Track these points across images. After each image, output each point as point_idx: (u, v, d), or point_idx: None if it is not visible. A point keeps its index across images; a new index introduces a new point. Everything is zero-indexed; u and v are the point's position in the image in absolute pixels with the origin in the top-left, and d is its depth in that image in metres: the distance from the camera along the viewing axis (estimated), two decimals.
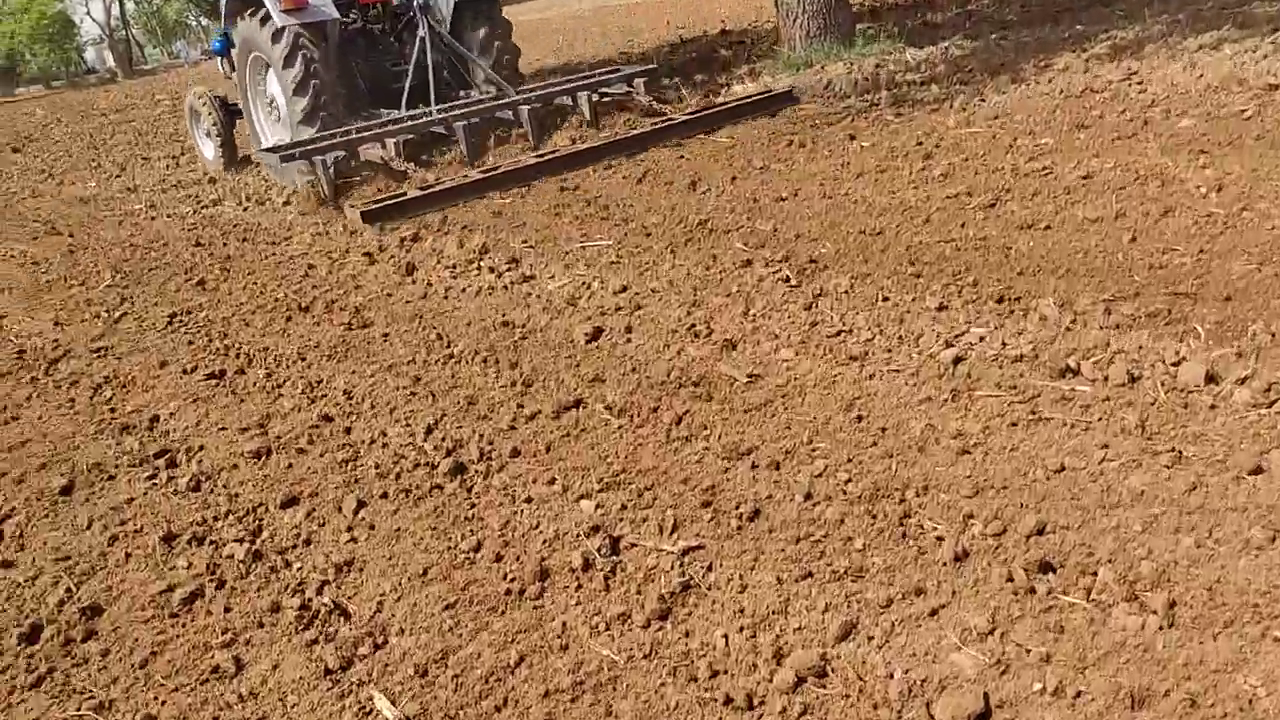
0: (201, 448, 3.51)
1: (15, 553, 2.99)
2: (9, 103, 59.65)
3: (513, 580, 2.45)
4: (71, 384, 4.44)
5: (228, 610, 2.53)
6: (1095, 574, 2.11)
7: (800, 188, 5.49)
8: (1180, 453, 2.46)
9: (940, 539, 2.32)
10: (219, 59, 10.05)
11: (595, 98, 8.16)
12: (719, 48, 12.98)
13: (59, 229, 8.43)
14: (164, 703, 2.26)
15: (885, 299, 3.73)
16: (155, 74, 72.00)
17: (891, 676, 1.96)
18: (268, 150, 7.84)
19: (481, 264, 5.11)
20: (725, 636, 2.13)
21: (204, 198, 8.56)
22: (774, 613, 2.18)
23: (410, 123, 7.59)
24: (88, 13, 71.65)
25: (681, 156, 6.78)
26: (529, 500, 2.80)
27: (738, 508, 2.58)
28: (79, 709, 2.29)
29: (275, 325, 4.78)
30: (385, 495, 2.96)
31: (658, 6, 26.31)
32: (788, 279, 4.12)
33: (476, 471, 3.02)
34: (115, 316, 5.31)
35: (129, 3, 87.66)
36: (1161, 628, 1.94)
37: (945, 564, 2.23)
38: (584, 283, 4.54)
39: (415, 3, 8.25)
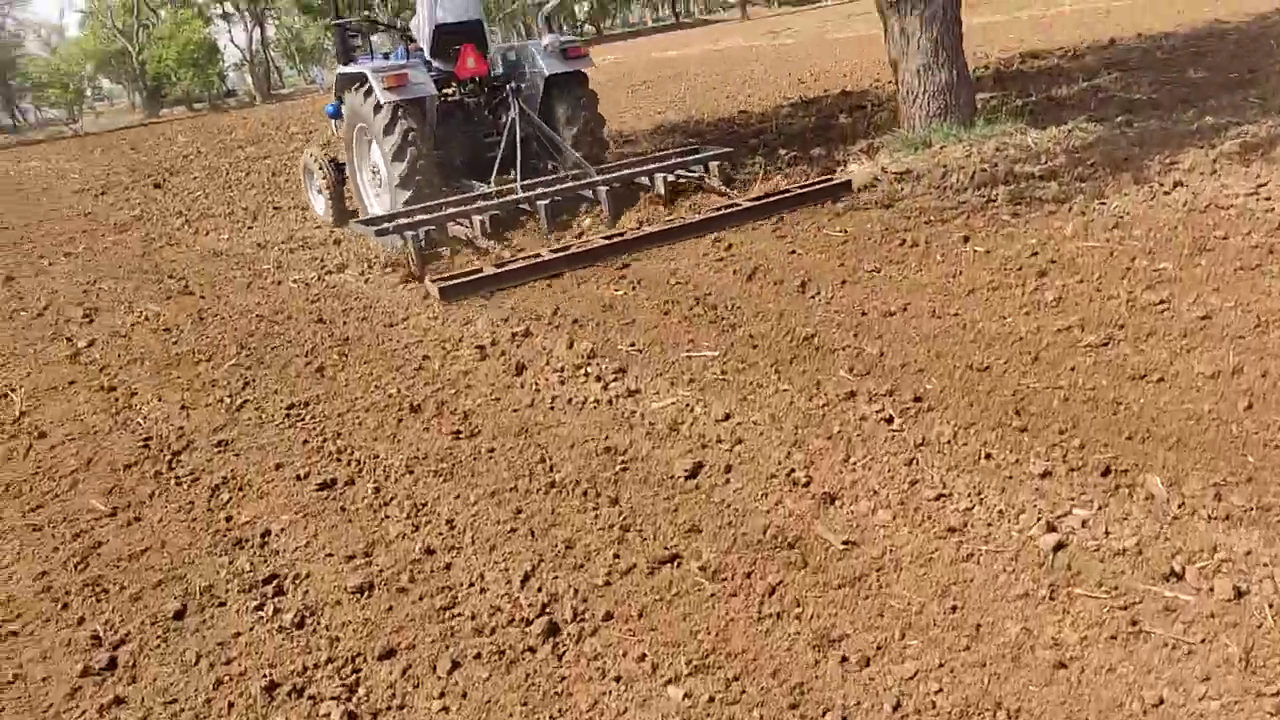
0: (308, 575, 3.65)
1: (127, 686, 3.15)
2: (156, 124, 62.69)
3: None
4: (192, 482, 4.65)
5: None
6: None
7: (910, 301, 5.44)
8: None
9: None
10: (333, 122, 10.82)
11: (670, 178, 8.71)
12: (839, 112, 12.95)
13: (191, 288, 8.84)
14: None
15: (988, 456, 3.68)
16: (291, 98, 74.85)
17: None
18: (362, 222, 8.57)
19: (589, 370, 5.20)
20: None
21: (329, 261, 8.88)
22: None
23: (497, 200, 8.36)
24: (230, 39, 75.14)
25: (793, 251, 6.78)
26: (618, 679, 2.84)
27: (825, 715, 2.58)
28: None
29: (386, 428, 4.93)
30: (479, 656, 3.04)
31: (788, 53, 26.37)
32: (890, 419, 4.10)
33: (569, 634, 3.08)
34: (238, 404, 5.55)
35: (270, 29, 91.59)
36: None
37: None
38: (687, 404, 4.58)
39: (509, 86, 9.02)
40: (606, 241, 7.59)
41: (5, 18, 74.07)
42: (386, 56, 9.90)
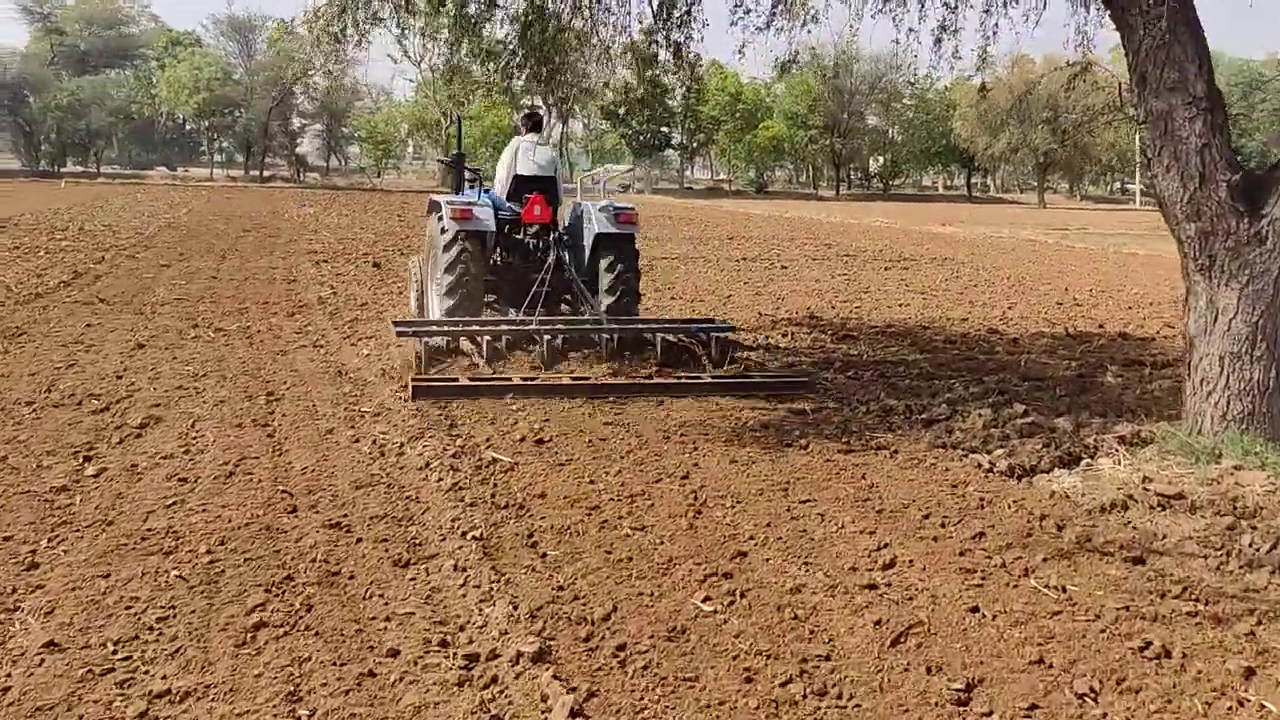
0: None
1: None
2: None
3: None
4: None
5: None
6: None
7: None
8: None
9: None
10: None
11: (672, 339, 9.70)
12: (1109, 362, 10.54)
13: (273, 420, 7.52)
14: None
15: None
16: (573, 194, 77.32)
17: None
18: (395, 322, 9.85)
19: None
20: None
21: (425, 423, 7.38)
22: None
23: (504, 327, 9.49)
24: None
25: (976, 608, 4.58)
26: None
27: None
28: None
29: None
30: None
31: (1072, 259, 23.69)
32: None
33: None
34: (110, 663, 3.87)
35: (577, 125, 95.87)
36: None
37: None
38: None
39: (552, 235, 10.42)
40: (571, 382, 8.55)
41: (345, 76, 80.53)
42: (487, 191, 10.88)
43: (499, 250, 10.77)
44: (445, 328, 9.42)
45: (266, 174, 76.91)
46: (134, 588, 4.56)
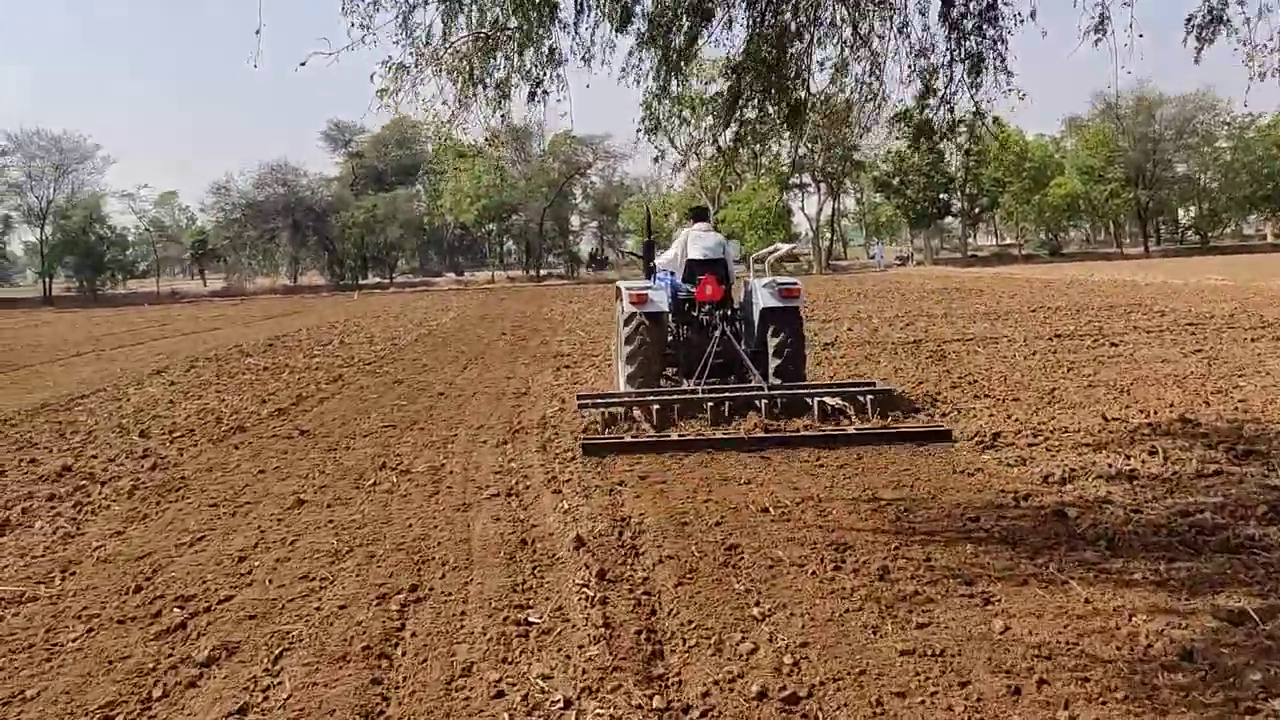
0: None
1: None
2: None
3: None
4: None
5: None
6: None
7: None
8: None
9: None
10: None
11: (832, 403, 10.24)
12: None
13: (390, 647, 5.07)
14: None
15: None
16: (848, 270, 74.01)
17: None
18: (578, 397, 11.32)
19: None
20: None
21: (586, 666, 4.66)
22: None
23: (673, 397, 10.38)
24: (802, 208, 76.12)
25: None
26: None
27: None
28: None
29: None
30: None
31: None
32: None
33: None
34: None
35: (849, 200, 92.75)
36: None
37: None
38: None
39: (718, 312, 11.39)
40: (721, 436, 9.43)
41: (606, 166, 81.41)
42: (671, 274, 12.17)
43: (678, 326, 11.82)
44: (620, 398, 10.54)
45: (543, 273, 78.43)
46: None
